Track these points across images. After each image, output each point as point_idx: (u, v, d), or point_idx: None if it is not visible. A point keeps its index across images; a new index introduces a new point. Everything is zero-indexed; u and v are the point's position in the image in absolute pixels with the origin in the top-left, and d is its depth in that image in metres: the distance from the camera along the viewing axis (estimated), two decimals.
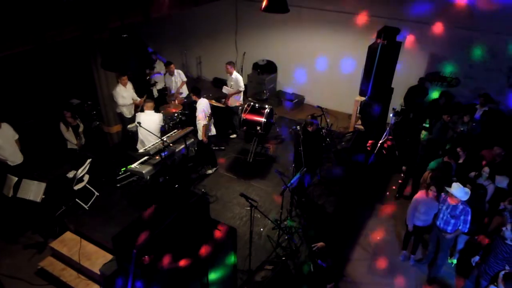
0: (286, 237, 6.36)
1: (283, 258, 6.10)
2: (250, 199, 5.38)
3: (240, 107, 8.99)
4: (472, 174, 6.39)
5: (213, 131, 8.10)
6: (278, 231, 6.37)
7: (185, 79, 9.76)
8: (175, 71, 9.53)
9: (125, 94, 8.37)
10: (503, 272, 4.93)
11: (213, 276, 4.38)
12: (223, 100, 9.11)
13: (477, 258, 5.46)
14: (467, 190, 5.43)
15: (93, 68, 8.08)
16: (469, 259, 5.92)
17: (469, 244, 6.17)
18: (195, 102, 7.73)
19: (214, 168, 8.19)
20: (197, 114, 7.56)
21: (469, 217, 5.44)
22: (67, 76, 10.25)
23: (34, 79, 9.66)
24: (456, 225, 5.54)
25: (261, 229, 6.69)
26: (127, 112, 8.63)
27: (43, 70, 9.82)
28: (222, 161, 8.54)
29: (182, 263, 4.02)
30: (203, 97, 7.77)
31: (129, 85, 8.52)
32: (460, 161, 6.67)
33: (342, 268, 6.19)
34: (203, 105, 7.57)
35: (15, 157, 7.11)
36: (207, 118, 7.55)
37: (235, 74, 8.84)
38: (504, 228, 5.00)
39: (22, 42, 5.61)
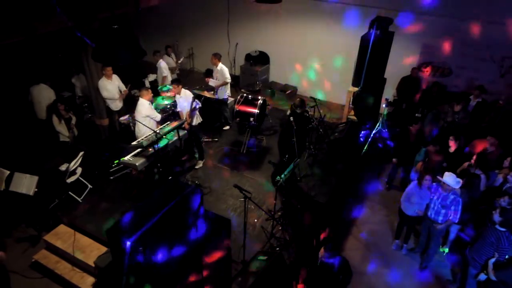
0: (280, 228, 6.41)
1: (277, 248, 6.15)
2: (244, 190, 5.40)
3: (227, 97, 9.01)
4: (466, 164, 6.45)
5: (199, 118, 8.01)
6: (272, 222, 6.41)
7: (164, 74, 9.67)
8: (158, 61, 9.62)
9: (109, 87, 8.13)
10: (492, 260, 5.01)
11: None
12: (212, 92, 9.05)
13: (483, 276, 5.21)
14: (459, 179, 5.49)
15: (83, 60, 7.98)
16: (460, 248, 6.00)
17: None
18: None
19: (202, 161, 8.16)
20: (182, 107, 7.59)
21: (460, 207, 5.49)
22: (58, 68, 10.14)
23: (25, 71, 9.53)
24: (447, 215, 5.59)
25: (255, 220, 6.73)
26: (113, 106, 8.45)
27: (34, 62, 9.68)
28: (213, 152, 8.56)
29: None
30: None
31: (115, 78, 8.28)
32: (452, 150, 6.73)
33: None
34: (189, 95, 7.59)
35: None
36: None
37: (220, 66, 8.75)
38: (494, 212, 5.06)
39: (12, 34, 5.54)
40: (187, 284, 4.20)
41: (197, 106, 7.75)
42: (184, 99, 7.53)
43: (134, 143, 6.78)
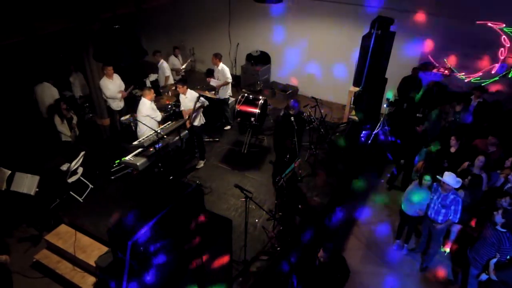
0: (281, 228, 6.40)
1: (278, 248, 6.15)
2: (245, 190, 5.39)
3: (228, 97, 9.02)
4: (466, 164, 6.44)
5: (203, 119, 8.02)
6: (273, 222, 6.41)
7: (167, 74, 9.71)
8: (160, 61, 9.63)
9: (111, 86, 8.16)
10: (494, 261, 5.00)
11: None
12: (213, 92, 9.06)
13: (484, 276, 5.21)
14: (459, 178, 5.49)
15: (85, 59, 7.98)
16: (462, 248, 5.99)
17: (462, 234, 6.25)
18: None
19: (203, 161, 8.16)
20: (186, 107, 7.56)
21: (460, 207, 5.49)
22: (59, 68, 10.14)
23: (27, 71, 9.54)
24: (447, 215, 5.59)
25: (256, 220, 6.73)
26: (114, 105, 8.48)
27: (36, 61, 9.68)
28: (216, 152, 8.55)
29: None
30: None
31: (116, 77, 8.33)
32: (453, 150, 6.72)
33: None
34: (194, 95, 7.56)
35: None
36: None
37: (221, 66, 8.78)
38: (495, 213, 5.05)
39: (12, 34, 5.54)
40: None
41: (205, 104, 7.76)
42: (190, 99, 7.53)
43: (135, 143, 6.79)
